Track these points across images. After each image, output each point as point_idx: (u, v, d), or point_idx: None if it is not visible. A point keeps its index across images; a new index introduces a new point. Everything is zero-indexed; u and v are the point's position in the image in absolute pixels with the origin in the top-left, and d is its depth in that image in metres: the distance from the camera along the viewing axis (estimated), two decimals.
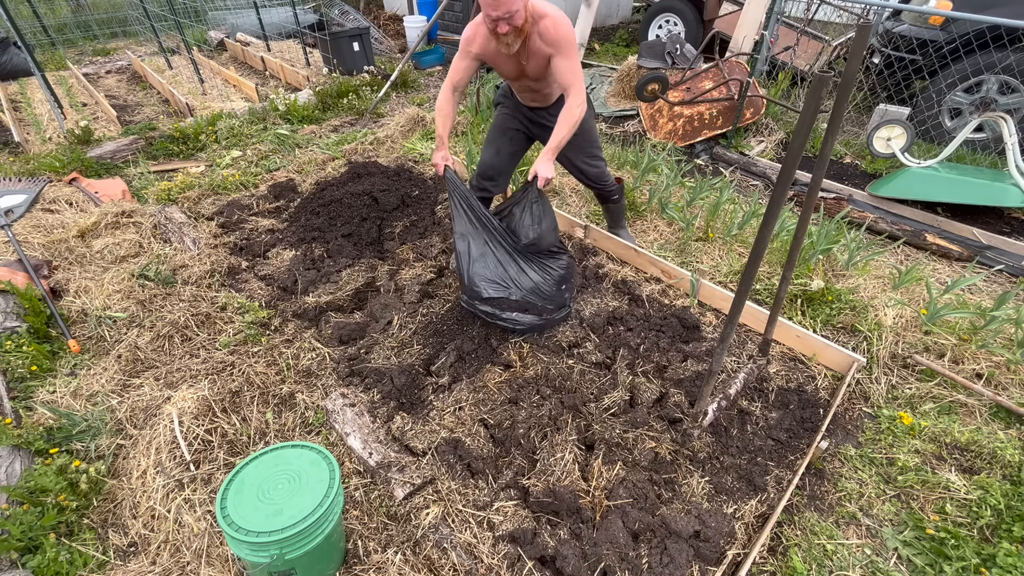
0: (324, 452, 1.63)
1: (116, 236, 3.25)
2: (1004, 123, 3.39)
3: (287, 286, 2.96)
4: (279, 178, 4.18)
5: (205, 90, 6.06)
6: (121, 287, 2.83)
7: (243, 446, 2.11)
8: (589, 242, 3.35)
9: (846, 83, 1.39)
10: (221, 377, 2.36)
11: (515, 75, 2.48)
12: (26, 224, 3.38)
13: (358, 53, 6.42)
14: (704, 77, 4.70)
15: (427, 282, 2.97)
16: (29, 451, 2.02)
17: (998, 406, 2.26)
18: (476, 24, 2.35)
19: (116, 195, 3.75)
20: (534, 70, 2.41)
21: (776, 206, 1.39)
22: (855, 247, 3.02)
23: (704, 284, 2.84)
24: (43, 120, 5.21)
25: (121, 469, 2.03)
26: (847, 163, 4.64)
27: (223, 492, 1.51)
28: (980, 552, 1.72)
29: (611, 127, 5.26)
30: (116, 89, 6.45)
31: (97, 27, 8.81)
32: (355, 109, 5.58)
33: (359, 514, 1.89)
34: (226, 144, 4.73)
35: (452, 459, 2.01)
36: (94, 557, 1.76)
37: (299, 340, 2.61)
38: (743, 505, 1.91)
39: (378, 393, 2.31)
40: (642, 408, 2.20)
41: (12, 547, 1.70)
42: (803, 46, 5.49)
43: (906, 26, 4.62)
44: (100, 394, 2.30)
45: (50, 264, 3.03)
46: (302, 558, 1.49)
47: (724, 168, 4.55)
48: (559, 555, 1.69)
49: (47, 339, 2.59)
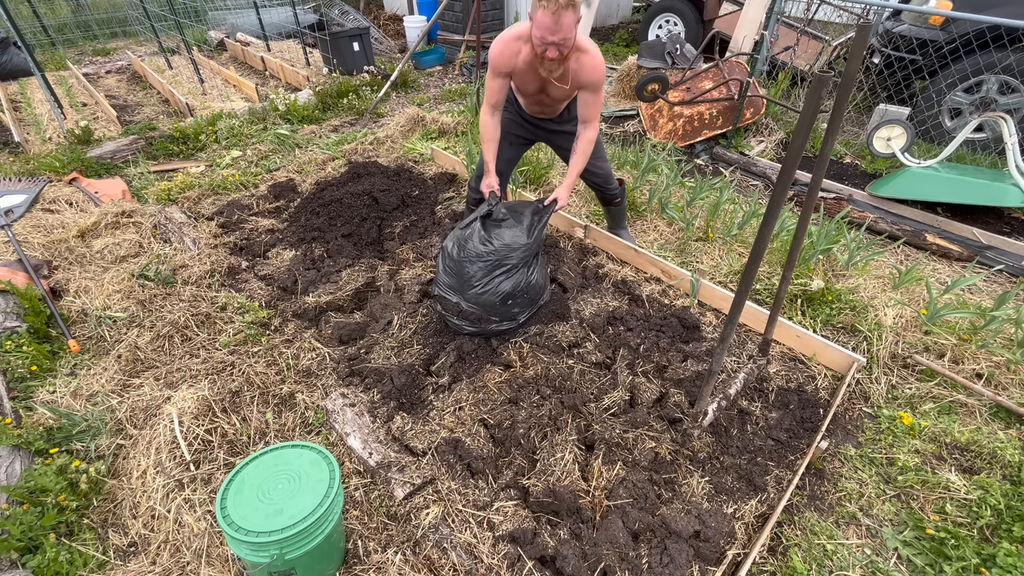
0: (324, 452, 1.63)
1: (116, 236, 3.25)
2: (1004, 123, 3.39)
3: (287, 286, 2.96)
4: (279, 178, 4.17)
5: (205, 90, 6.06)
6: (121, 287, 2.83)
7: (243, 446, 2.11)
8: (589, 242, 3.35)
9: (846, 83, 1.39)
10: (221, 377, 2.36)
11: (534, 91, 2.47)
12: (26, 224, 3.38)
13: (358, 53, 6.42)
14: (704, 77, 4.70)
15: (427, 282, 2.97)
16: (29, 451, 2.02)
17: (998, 406, 2.26)
18: (503, 42, 2.31)
19: (116, 195, 3.75)
20: (556, 93, 2.40)
21: (776, 206, 1.39)
22: (855, 247, 3.02)
23: (704, 284, 2.84)
24: (43, 120, 5.21)
25: (121, 469, 2.03)
26: (847, 163, 4.64)
27: (223, 492, 1.51)
28: (980, 552, 1.72)
29: (611, 127, 5.26)
30: (116, 89, 6.45)
31: (97, 27, 8.81)
32: (355, 109, 5.57)
33: (359, 514, 1.89)
34: (226, 144, 4.73)
35: (452, 459, 2.01)
36: (94, 557, 1.76)
37: (299, 340, 2.61)
38: (743, 505, 1.91)
39: (378, 393, 2.31)
40: (642, 408, 2.20)
41: (12, 547, 1.70)
42: (803, 46, 5.49)
43: (906, 26, 4.62)
44: (100, 394, 2.30)
45: (50, 264, 3.03)
46: (302, 558, 1.50)
47: (724, 168, 4.55)
48: (559, 555, 1.69)
49: (47, 339, 2.59)
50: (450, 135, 4.95)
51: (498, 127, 2.54)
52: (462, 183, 4.08)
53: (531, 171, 4.00)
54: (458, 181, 4.11)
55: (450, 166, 4.30)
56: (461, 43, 7.38)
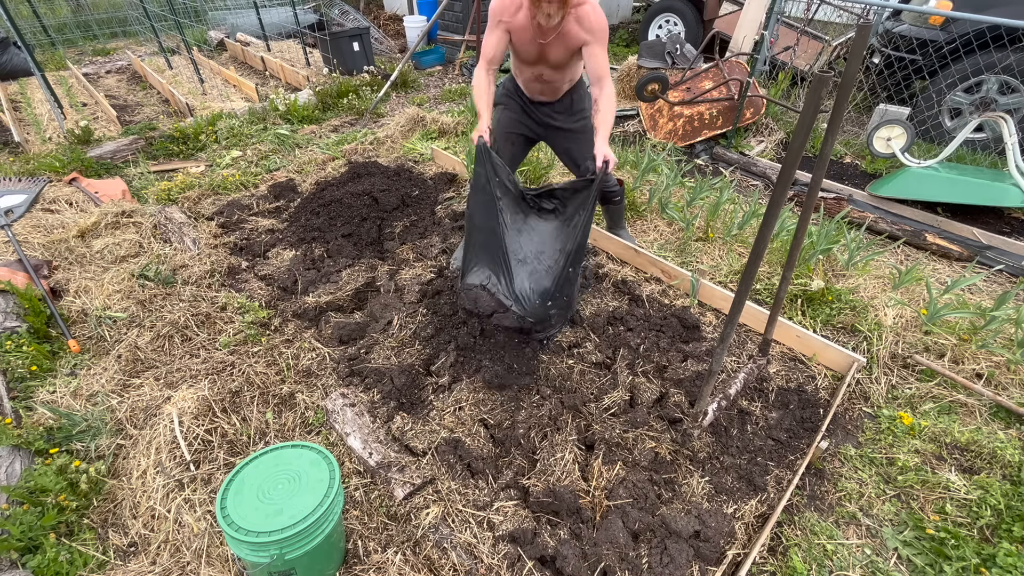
0: (324, 452, 1.63)
1: (116, 236, 3.25)
2: (1004, 123, 3.39)
3: (287, 286, 2.96)
4: (279, 178, 4.18)
5: (205, 90, 6.05)
6: (121, 287, 2.83)
7: (243, 446, 2.11)
8: (589, 242, 3.35)
9: (846, 83, 1.38)
10: (221, 377, 2.36)
11: (533, 59, 2.40)
12: (26, 224, 3.38)
13: (358, 53, 6.42)
14: (704, 77, 4.70)
15: (427, 282, 2.97)
16: (29, 451, 2.02)
17: (998, 406, 2.26)
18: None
19: (116, 195, 3.75)
20: (556, 55, 2.35)
21: (776, 206, 1.39)
22: (855, 247, 3.02)
23: (704, 284, 2.84)
24: (43, 120, 5.21)
25: (121, 469, 2.03)
26: (847, 163, 4.64)
27: (223, 492, 1.51)
28: (980, 552, 1.72)
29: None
30: (116, 89, 6.45)
31: (97, 27, 8.81)
32: (355, 109, 5.57)
33: (359, 514, 1.89)
34: (226, 144, 4.73)
35: (452, 459, 2.01)
36: (94, 557, 1.76)
37: (299, 340, 2.61)
38: (743, 505, 1.91)
39: (378, 393, 2.31)
40: (642, 408, 2.20)
41: (12, 547, 1.70)
42: (803, 46, 5.49)
43: (906, 26, 4.62)
44: (100, 394, 2.30)
45: (50, 264, 3.03)
46: (302, 558, 1.49)
47: (724, 168, 4.55)
48: (559, 555, 1.69)
49: (47, 339, 2.59)
50: (450, 135, 4.95)
51: (490, 80, 2.42)
52: (462, 183, 4.08)
53: (531, 171, 4.00)
54: (458, 181, 4.11)
55: (450, 166, 4.30)
56: (461, 43, 7.38)
